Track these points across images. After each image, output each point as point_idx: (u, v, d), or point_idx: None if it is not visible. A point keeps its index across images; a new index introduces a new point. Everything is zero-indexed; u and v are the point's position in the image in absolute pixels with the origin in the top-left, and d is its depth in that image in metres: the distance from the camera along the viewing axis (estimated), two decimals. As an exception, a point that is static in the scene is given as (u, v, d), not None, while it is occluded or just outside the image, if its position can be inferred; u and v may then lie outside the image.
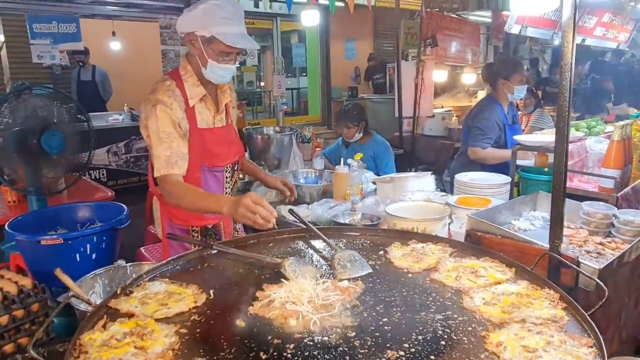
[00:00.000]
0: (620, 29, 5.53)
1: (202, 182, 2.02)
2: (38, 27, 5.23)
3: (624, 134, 2.19)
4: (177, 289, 1.54)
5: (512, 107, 3.67)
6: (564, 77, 1.52)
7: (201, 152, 1.99)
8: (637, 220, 1.96)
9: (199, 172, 2.01)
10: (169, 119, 1.88)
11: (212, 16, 1.80)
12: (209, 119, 2.02)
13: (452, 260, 1.69)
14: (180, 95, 1.93)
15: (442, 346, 1.22)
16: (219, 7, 1.82)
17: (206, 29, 1.82)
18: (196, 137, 1.97)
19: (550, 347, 1.16)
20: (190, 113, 1.96)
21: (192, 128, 1.97)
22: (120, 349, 1.20)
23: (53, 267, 1.65)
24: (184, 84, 1.96)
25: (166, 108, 1.87)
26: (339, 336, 1.27)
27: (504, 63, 3.78)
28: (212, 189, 2.07)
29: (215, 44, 1.84)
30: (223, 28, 1.81)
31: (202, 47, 1.86)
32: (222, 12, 1.81)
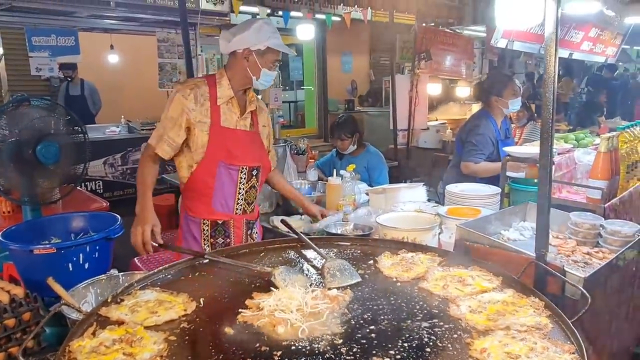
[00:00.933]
0: (607, 44, 5.63)
1: (217, 175, 2.21)
2: (37, 40, 5.30)
3: (611, 146, 2.23)
4: (168, 297, 1.55)
5: (505, 121, 3.69)
6: (547, 89, 1.56)
7: (220, 148, 2.20)
8: (624, 230, 1.99)
9: (216, 166, 2.20)
10: (180, 106, 2.16)
11: (265, 33, 2.15)
12: (232, 120, 2.25)
13: (440, 270, 1.72)
14: (207, 93, 2.20)
15: (428, 353, 1.24)
16: (267, 25, 2.20)
17: (261, 43, 2.15)
18: (217, 133, 2.20)
19: (533, 354, 1.18)
20: (216, 111, 2.20)
21: (215, 124, 2.20)
22: (108, 356, 1.21)
23: (46, 277, 1.67)
24: (216, 86, 2.24)
25: (182, 97, 2.16)
26: (326, 343, 1.28)
27: (494, 79, 3.78)
28: (225, 185, 2.24)
29: (270, 54, 2.19)
30: (274, 41, 2.17)
31: (257, 59, 2.17)
32: (270, 29, 2.19)
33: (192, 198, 2.29)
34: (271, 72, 2.23)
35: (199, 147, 2.20)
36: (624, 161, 2.40)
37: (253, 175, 2.31)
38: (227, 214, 2.29)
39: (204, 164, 2.20)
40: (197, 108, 2.17)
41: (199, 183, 2.24)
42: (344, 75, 11.97)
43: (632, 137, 2.48)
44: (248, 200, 2.34)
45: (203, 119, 2.19)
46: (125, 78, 7.93)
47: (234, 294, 1.59)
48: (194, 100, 2.17)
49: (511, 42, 3.61)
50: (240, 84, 2.26)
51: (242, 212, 2.33)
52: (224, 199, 2.26)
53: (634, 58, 16.22)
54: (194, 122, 2.18)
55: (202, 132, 2.19)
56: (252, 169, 2.29)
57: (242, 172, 2.26)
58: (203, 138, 2.19)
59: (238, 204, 2.30)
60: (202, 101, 2.19)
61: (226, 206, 2.28)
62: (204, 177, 2.22)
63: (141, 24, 6.34)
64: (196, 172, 2.23)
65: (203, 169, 2.21)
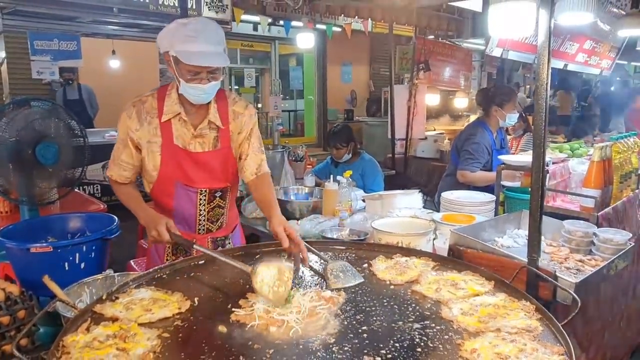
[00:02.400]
0: (602, 56, 5.71)
1: (175, 196, 2.03)
2: (39, 44, 5.35)
3: (604, 155, 2.26)
4: (162, 296, 1.57)
5: (501, 132, 3.73)
6: (539, 97, 1.59)
7: (174, 168, 1.99)
8: (616, 238, 2.01)
9: (172, 186, 2.02)
10: (124, 126, 1.98)
11: (176, 35, 1.80)
12: (185, 139, 1.99)
13: (433, 274, 1.73)
14: (155, 109, 1.96)
15: (418, 353, 1.25)
16: (183, 26, 1.81)
17: (173, 48, 1.80)
18: (170, 152, 1.97)
19: (523, 355, 1.20)
20: (165, 127, 1.96)
21: (167, 143, 1.96)
22: (102, 350, 1.22)
23: (42, 276, 1.68)
24: (164, 100, 1.97)
25: (126, 117, 1.97)
26: (318, 342, 1.30)
27: (500, 90, 3.80)
28: (184, 206, 2.05)
29: (181, 62, 1.79)
30: (185, 46, 1.77)
31: (174, 67, 1.84)
32: (185, 30, 1.79)
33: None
34: (192, 85, 1.82)
35: (152, 169, 2.00)
36: (618, 171, 2.42)
37: (216, 197, 2.07)
38: (189, 234, 2.07)
39: (159, 184, 2.01)
40: (142, 127, 1.95)
41: (158, 202, 2.10)
42: (343, 85, 12.06)
43: (626, 147, 2.52)
44: (212, 219, 2.12)
45: (152, 138, 1.95)
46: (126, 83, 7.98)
47: (229, 294, 1.60)
48: (137, 119, 1.94)
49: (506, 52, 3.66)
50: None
51: (205, 231, 2.13)
52: (184, 220, 2.08)
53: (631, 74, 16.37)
54: (139, 142, 1.97)
55: (152, 152, 1.97)
56: (213, 191, 2.05)
57: (202, 194, 2.04)
58: (155, 159, 1.97)
59: (200, 224, 2.11)
60: (149, 119, 1.95)
61: (187, 226, 2.09)
62: (161, 197, 2.06)
63: (143, 30, 6.39)
64: (154, 191, 2.07)
65: (160, 188, 2.03)
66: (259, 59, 11.53)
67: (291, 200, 3.14)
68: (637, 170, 2.72)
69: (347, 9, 5.66)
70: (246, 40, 9.80)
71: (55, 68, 5.50)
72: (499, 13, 1.67)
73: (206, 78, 1.83)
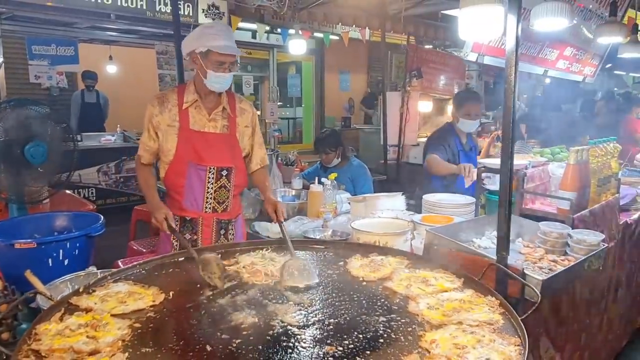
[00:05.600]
0: (585, 63, 5.77)
1: (186, 174, 2.34)
2: (37, 49, 5.43)
3: (580, 158, 2.29)
4: (139, 290, 1.61)
5: (470, 138, 3.66)
6: (508, 99, 1.63)
7: (188, 149, 2.32)
8: (590, 239, 2.05)
9: (185, 166, 2.33)
10: (149, 114, 2.35)
11: (205, 35, 2.25)
12: (201, 122, 2.36)
13: (406, 271, 1.77)
14: (176, 99, 2.36)
15: (380, 343, 1.29)
16: (209, 27, 2.33)
17: (203, 45, 2.23)
18: (186, 135, 2.33)
19: (479, 345, 1.24)
20: (183, 114, 2.34)
21: (184, 127, 2.33)
22: (72, 338, 1.26)
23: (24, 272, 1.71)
24: (184, 93, 2.36)
25: (150, 106, 2.35)
26: (283, 332, 1.34)
27: (459, 95, 3.76)
28: (195, 184, 2.36)
29: (211, 55, 2.23)
30: (216, 41, 2.23)
31: (202, 61, 2.25)
32: (212, 31, 2.28)
33: (167, 195, 2.43)
34: (218, 74, 2.26)
35: (169, 150, 2.33)
36: (595, 175, 2.46)
37: (222, 176, 2.38)
38: (196, 212, 2.39)
39: (174, 164, 2.34)
40: (162, 114, 2.32)
41: (171, 181, 2.38)
42: (341, 93, 12.15)
43: (604, 152, 2.56)
44: (218, 199, 2.40)
45: (172, 122, 2.33)
46: (123, 88, 8.06)
47: (203, 289, 1.64)
48: (159, 107, 2.33)
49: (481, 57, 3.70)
50: (202, 87, 2.33)
51: (212, 210, 2.40)
52: (193, 198, 2.37)
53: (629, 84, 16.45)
54: (158, 126, 2.33)
55: (170, 135, 2.32)
56: (220, 169, 2.37)
57: (210, 172, 2.36)
58: (173, 140, 2.32)
59: (207, 202, 2.39)
60: (170, 107, 2.33)
61: (196, 204, 2.38)
62: (175, 177, 2.35)
63: (140, 36, 6.48)
64: (168, 172, 2.37)
65: (174, 168, 2.35)
66: (257, 67, 11.64)
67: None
68: (617, 174, 2.76)
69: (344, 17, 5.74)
70: (244, 48, 9.89)
71: (53, 72, 5.58)
72: (468, 17, 1.72)
73: (228, 68, 2.28)
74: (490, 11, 1.69)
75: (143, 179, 2.42)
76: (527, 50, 4.58)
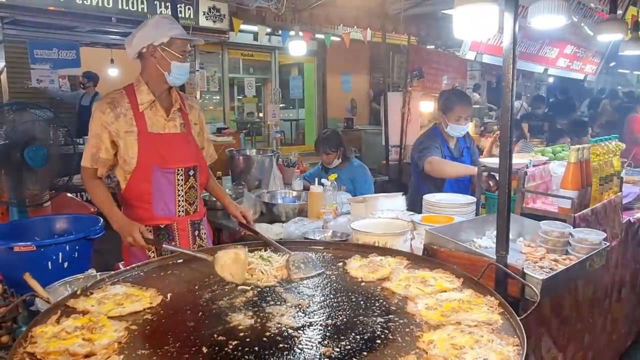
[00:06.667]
0: (586, 61, 5.74)
1: (152, 180, 2.21)
2: (39, 53, 5.45)
3: (581, 157, 2.27)
4: (136, 292, 1.60)
5: (463, 140, 3.41)
6: (505, 97, 1.62)
7: (151, 153, 2.21)
8: (591, 238, 2.02)
9: (150, 171, 2.21)
10: (99, 122, 2.18)
11: (163, 26, 2.17)
12: (159, 124, 2.25)
13: (405, 271, 1.76)
14: (127, 103, 2.21)
15: (377, 344, 1.28)
16: (163, 18, 2.25)
17: (164, 35, 2.15)
18: (146, 140, 2.20)
19: (477, 345, 1.22)
20: (140, 117, 2.21)
21: (143, 131, 2.20)
22: (68, 341, 1.26)
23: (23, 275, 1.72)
24: (135, 93, 2.23)
25: (100, 113, 2.18)
26: (280, 334, 1.33)
27: (448, 96, 3.40)
28: (163, 188, 2.24)
29: (175, 44, 2.17)
30: (175, 31, 2.17)
31: (163, 53, 2.16)
32: (168, 21, 2.22)
33: (132, 207, 2.27)
34: (182, 64, 2.20)
35: (130, 157, 2.18)
36: (597, 173, 2.44)
37: (190, 176, 2.30)
38: (169, 217, 2.27)
39: (137, 171, 2.19)
40: (117, 120, 2.17)
41: (136, 190, 2.23)
42: (343, 94, 12.13)
43: (605, 150, 2.54)
44: (189, 200, 2.32)
45: (129, 128, 2.18)
46: (125, 92, 8.07)
47: (200, 291, 1.64)
48: (112, 114, 2.16)
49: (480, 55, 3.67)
50: (158, 85, 2.23)
51: (184, 213, 2.31)
52: (164, 203, 2.25)
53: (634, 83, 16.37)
54: (117, 134, 2.17)
55: (130, 141, 2.18)
56: (188, 169, 2.29)
57: (179, 174, 2.26)
58: (132, 147, 2.18)
59: (180, 205, 2.29)
60: (124, 112, 2.18)
61: (167, 210, 2.27)
62: (140, 184, 2.22)
63: (142, 39, 6.47)
64: (131, 180, 2.22)
65: (138, 176, 2.20)
66: (259, 69, 11.64)
67: (277, 203, 3.18)
68: (619, 173, 2.74)
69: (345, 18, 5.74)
70: (247, 50, 9.91)
71: (55, 76, 5.60)
72: (463, 15, 1.71)
73: (186, 57, 2.24)
74: (485, 9, 1.68)
75: (100, 195, 2.21)
76: (527, 49, 4.55)
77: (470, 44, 3.69)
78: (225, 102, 9.72)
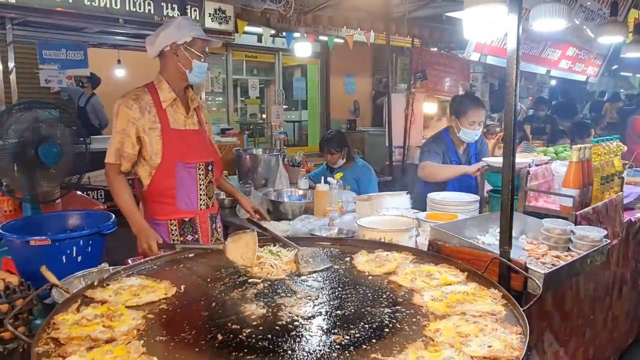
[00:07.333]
0: (587, 63, 5.79)
1: (177, 175, 2.31)
2: (48, 54, 5.52)
3: (582, 156, 2.32)
4: (151, 284, 1.66)
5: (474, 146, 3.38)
6: (509, 97, 1.67)
7: (175, 149, 2.30)
8: (592, 235, 2.07)
9: (174, 166, 2.30)
10: (126, 118, 2.26)
11: (186, 26, 2.30)
12: (180, 121, 2.36)
13: (411, 266, 1.81)
14: (151, 100, 2.31)
15: (385, 333, 1.33)
16: (185, 20, 2.40)
17: (187, 35, 2.27)
18: (169, 136, 2.30)
19: (482, 333, 1.27)
20: (163, 114, 2.31)
21: (165, 128, 2.31)
22: (89, 327, 1.31)
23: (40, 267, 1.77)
24: (157, 91, 2.34)
25: (126, 108, 2.27)
26: (291, 322, 1.38)
27: (461, 99, 3.38)
28: (186, 183, 2.35)
29: (196, 44, 2.28)
30: (196, 31, 2.30)
31: (185, 52, 2.27)
32: (190, 22, 2.37)
33: (156, 202, 2.36)
34: (202, 63, 2.32)
35: (155, 153, 2.28)
36: (598, 172, 2.49)
37: (209, 170, 2.42)
38: (192, 211, 2.39)
39: (162, 166, 2.29)
40: (143, 116, 2.26)
41: (160, 186, 2.32)
42: (346, 96, 12.20)
43: (606, 150, 2.58)
44: (209, 194, 2.45)
45: (153, 125, 2.28)
46: (132, 92, 8.16)
47: (212, 283, 1.69)
48: (138, 110, 2.26)
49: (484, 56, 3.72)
50: (178, 83, 2.35)
51: (205, 207, 2.44)
52: (187, 197, 2.36)
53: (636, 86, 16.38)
54: (143, 130, 2.27)
55: (154, 137, 2.27)
56: (207, 164, 2.41)
57: (200, 169, 2.38)
58: (157, 143, 2.28)
59: (201, 199, 2.41)
60: (148, 108, 2.28)
61: (190, 204, 2.38)
62: (164, 179, 2.31)
63: (148, 40, 6.55)
64: (156, 176, 2.30)
65: (162, 171, 2.29)
66: (263, 70, 11.72)
67: (284, 202, 3.23)
68: (621, 173, 2.79)
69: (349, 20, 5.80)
70: (250, 51, 9.99)
71: (63, 76, 5.67)
72: (472, 17, 1.76)
73: (206, 58, 2.35)
74: (494, 10, 1.73)
75: (124, 195, 2.30)
76: (530, 50, 4.62)
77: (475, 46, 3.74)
78: (229, 104, 9.79)
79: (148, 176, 2.31)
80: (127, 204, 2.29)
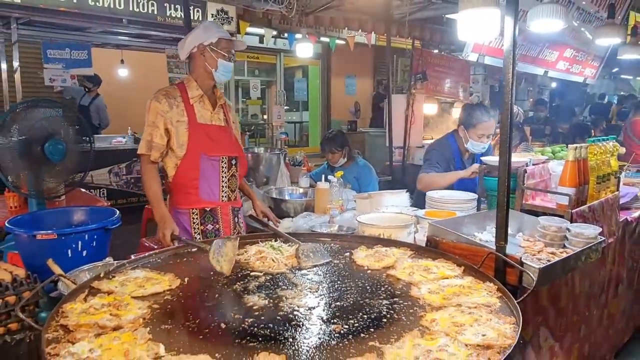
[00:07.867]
0: (585, 65, 5.84)
1: (200, 166, 2.44)
2: (52, 53, 5.59)
3: (579, 155, 2.36)
4: (156, 276, 1.70)
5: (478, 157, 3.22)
6: (506, 95, 1.72)
7: (200, 141, 2.44)
8: (587, 232, 2.11)
9: (198, 158, 2.43)
10: (156, 111, 2.40)
11: (212, 28, 2.47)
12: (206, 116, 2.50)
13: (409, 260, 1.85)
14: (180, 96, 2.46)
15: (383, 323, 1.37)
16: (211, 22, 2.60)
17: (213, 36, 2.42)
18: (195, 129, 2.44)
19: (476, 323, 1.31)
20: (190, 109, 2.46)
21: (192, 122, 2.45)
22: (97, 316, 1.36)
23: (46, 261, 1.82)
24: (186, 88, 2.49)
25: (156, 102, 2.41)
26: (292, 312, 1.42)
27: (472, 110, 3.24)
28: (209, 174, 2.47)
29: (222, 44, 2.43)
30: (221, 33, 2.46)
31: (212, 53, 2.42)
32: (215, 25, 2.54)
33: (180, 192, 2.49)
34: (227, 63, 2.46)
35: (181, 145, 2.41)
36: (594, 172, 2.53)
37: (232, 165, 2.54)
38: (214, 202, 2.50)
39: (187, 158, 2.42)
40: (172, 110, 2.41)
41: (184, 176, 2.45)
42: (347, 97, 12.26)
43: (602, 150, 2.62)
44: (231, 187, 2.56)
45: (180, 118, 2.42)
46: (134, 91, 8.22)
47: (216, 276, 1.74)
48: (167, 104, 2.40)
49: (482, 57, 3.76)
50: (205, 82, 2.49)
51: (227, 199, 2.54)
52: (209, 188, 2.47)
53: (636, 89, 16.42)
54: (170, 123, 2.40)
55: (181, 130, 2.41)
56: (231, 158, 2.53)
57: (223, 162, 2.50)
58: (183, 136, 2.41)
59: (223, 191, 2.52)
60: (177, 103, 2.43)
61: (212, 194, 2.49)
62: (188, 170, 2.43)
63: (151, 40, 6.62)
64: (181, 167, 2.44)
65: (187, 162, 2.43)
66: (264, 71, 11.79)
67: (285, 199, 3.27)
68: (617, 172, 2.83)
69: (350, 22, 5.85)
70: (252, 52, 10.05)
71: (67, 76, 5.74)
72: (466, 19, 1.81)
73: (231, 58, 2.48)
74: (487, 13, 1.78)
75: (154, 186, 2.41)
76: (527, 52, 4.68)
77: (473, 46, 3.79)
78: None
79: (174, 167, 2.44)
80: (155, 194, 2.40)
